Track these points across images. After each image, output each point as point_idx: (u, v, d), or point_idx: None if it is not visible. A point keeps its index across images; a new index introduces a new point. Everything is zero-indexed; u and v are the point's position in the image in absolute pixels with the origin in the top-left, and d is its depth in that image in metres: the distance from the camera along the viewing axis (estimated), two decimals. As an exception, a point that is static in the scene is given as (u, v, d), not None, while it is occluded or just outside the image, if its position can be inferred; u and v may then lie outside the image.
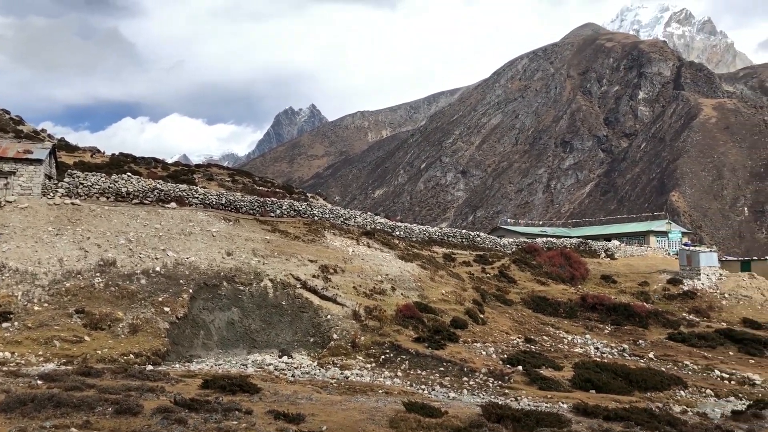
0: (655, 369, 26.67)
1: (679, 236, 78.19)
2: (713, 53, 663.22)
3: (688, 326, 38.85)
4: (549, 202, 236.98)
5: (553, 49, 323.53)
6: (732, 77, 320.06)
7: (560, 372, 24.94)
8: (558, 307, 39.39)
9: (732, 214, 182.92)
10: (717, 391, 24.21)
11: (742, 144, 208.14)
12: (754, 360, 32.50)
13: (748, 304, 46.73)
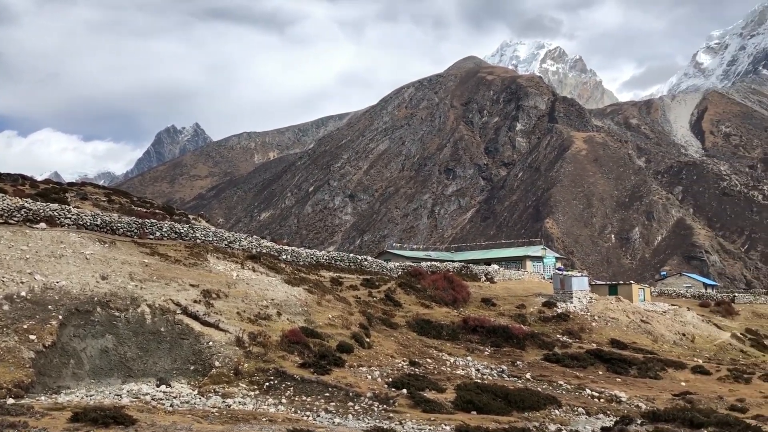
0: (532, 389, 27.74)
1: (553, 261, 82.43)
2: (584, 90, 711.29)
3: (561, 347, 40.79)
4: (433, 226, 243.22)
5: (437, 80, 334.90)
6: (600, 113, 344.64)
7: (443, 394, 25.39)
8: (441, 330, 40.23)
9: (600, 241, 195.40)
10: (588, 408, 25.50)
11: (609, 175, 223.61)
12: (620, 378, 34.62)
13: (615, 325, 49.84)
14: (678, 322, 54.28)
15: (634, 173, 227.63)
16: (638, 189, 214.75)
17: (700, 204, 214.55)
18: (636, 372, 36.44)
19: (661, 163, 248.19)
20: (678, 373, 37.64)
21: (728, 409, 27.58)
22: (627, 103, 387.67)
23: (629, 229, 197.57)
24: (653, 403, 28.05)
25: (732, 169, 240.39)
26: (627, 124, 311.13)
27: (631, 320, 51.16)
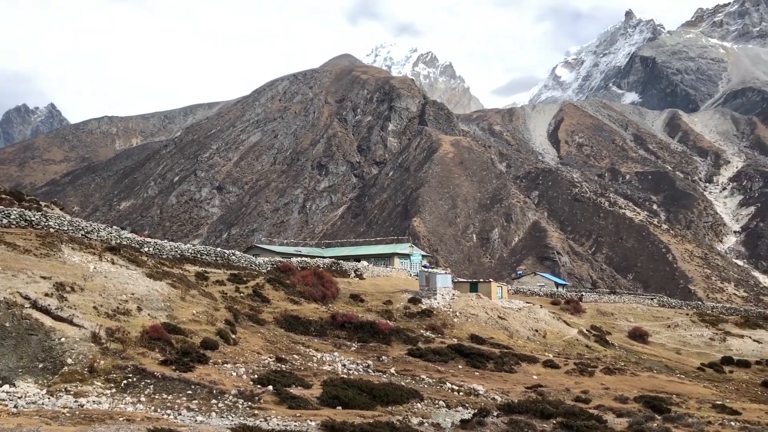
0: (396, 384, 28.39)
1: (419, 259, 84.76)
2: (453, 95, 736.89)
3: (425, 342, 42.06)
4: (304, 222, 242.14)
5: (312, 75, 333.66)
6: (467, 118, 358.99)
7: (309, 390, 25.39)
8: (309, 326, 40.20)
9: (463, 240, 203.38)
10: (448, 402, 26.49)
11: (473, 178, 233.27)
12: (478, 372, 36.26)
13: (475, 321, 52.09)
14: (532, 318, 57.61)
15: (495, 177, 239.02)
16: (499, 192, 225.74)
17: (554, 208, 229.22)
18: (493, 366, 38.29)
19: (521, 169, 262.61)
20: (531, 367, 39.99)
21: (574, 400, 29.70)
22: (492, 110, 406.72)
23: (490, 229, 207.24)
24: (508, 396, 29.64)
25: (583, 177, 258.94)
26: (491, 130, 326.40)
27: (489, 316, 53.66)
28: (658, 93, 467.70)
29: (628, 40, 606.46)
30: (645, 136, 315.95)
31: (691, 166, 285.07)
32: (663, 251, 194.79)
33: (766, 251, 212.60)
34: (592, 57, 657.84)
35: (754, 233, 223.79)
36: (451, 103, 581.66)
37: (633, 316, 78.23)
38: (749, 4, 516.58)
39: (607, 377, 40.03)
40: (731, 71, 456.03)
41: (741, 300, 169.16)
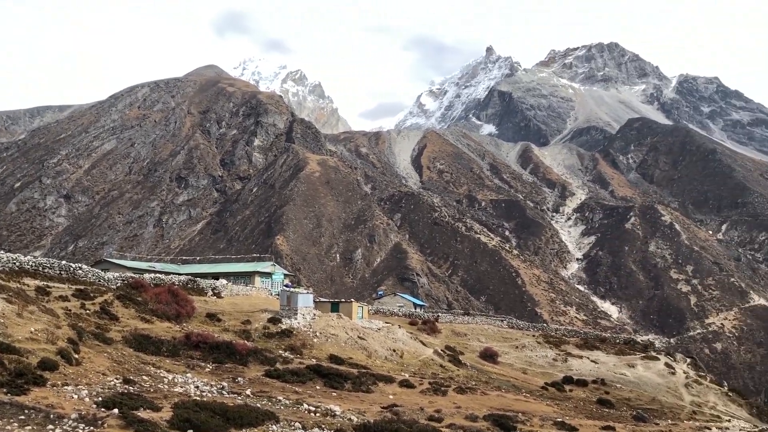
0: (251, 405, 27.67)
1: (281, 277, 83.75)
2: (321, 114, 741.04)
3: (283, 363, 41.45)
4: (159, 236, 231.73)
5: (176, 84, 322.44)
6: (335, 138, 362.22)
7: (159, 413, 24.13)
8: (161, 346, 38.33)
9: (326, 260, 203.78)
10: (305, 423, 26.18)
11: (339, 198, 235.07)
12: (336, 392, 36.23)
13: (334, 341, 52.13)
14: (390, 339, 58.60)
15: (360, 198, 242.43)
16: (363, 213, 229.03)
17: (415, 231, 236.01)
18: (351, 386, 38.42)
19: (385, 191, 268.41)
20: (387, 387, 40.55)
21: (427, 419, 30.42)
22: (359, 132, 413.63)
23: (353, 250, 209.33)
24: (364, 416, 29.81)
25: (443, 201, 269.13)
26: (358, 152, 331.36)
27: (349, 336, 53.94)
28: (513, 126, 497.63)
29: (487, 75, 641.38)
30: (500, 166, 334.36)
31: (540, 196, 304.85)
32: (513, 275, 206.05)
33: (603, 278, 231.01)
34: (455, 88, 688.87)
35: (593, 261, 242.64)
36: (319, 122, 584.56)
37: (485, 337, 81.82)
38: (595, 51, 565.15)
39: (459, 396, 41.44)
40: (578, 110, 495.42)
41: (581, 323, 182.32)
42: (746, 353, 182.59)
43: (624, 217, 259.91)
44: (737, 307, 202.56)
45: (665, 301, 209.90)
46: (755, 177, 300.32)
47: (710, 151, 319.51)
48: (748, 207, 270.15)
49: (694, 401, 65.58)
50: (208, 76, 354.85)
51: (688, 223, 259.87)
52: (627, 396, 60.54)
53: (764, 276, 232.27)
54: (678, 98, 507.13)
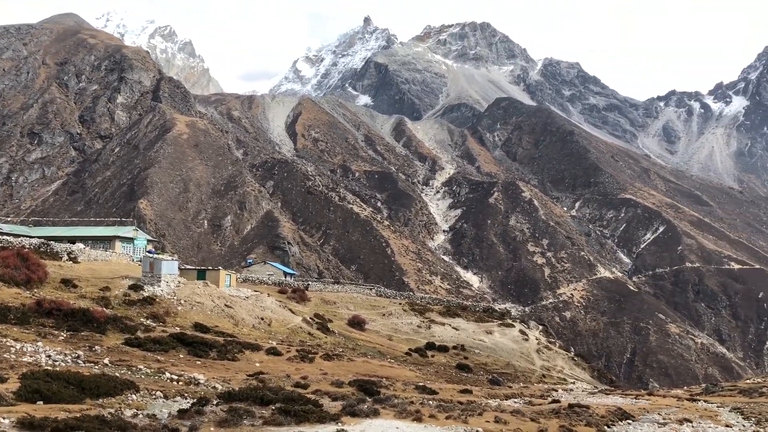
0: (109, 375, 26.57)
1: (144, 243, 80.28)
2: (191, 74, 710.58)
3: (145, 331, 40.01)
4: (8, 196, 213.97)
5: (28, 30, 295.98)
6: (205, 100, 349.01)
7: (5, 384, 22.60)
8: (8, 313, 35.72)
9: (193, 226, 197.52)
10: (166, 392, 25.52)
11: (208, 162, 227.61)
12: (200, 361, 35.54)
13: (200, 309, 50.95)
14: (258, 307, 58.15)
15: (231, 164, 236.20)
16: (234, 179, 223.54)
17: (288, 199, 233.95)
18: (216, 354, 37.84)
19: (257, 158, 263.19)
20: (254, 355, 40.33)
21: (294, 386, 30.64)
22: (231, 95, 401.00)
23: (222, 216, 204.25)
24: (229, 384, 29.52)
25: (317, 171, 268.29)
26: (229, 116, 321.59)
27: (216, 304, 52.93)
28: (388, 99, 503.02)
29: (365, 45, 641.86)
30: (375, 137, 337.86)
31: (412, 169, 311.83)
32: (383, 245, 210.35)
33: (467, 249, 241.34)
34: (332, 56, 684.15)
35: (459, 233, 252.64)
36: (188, 82, 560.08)
37: (353, 305, 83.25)
38: (468, 29, 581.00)
39: (326, 363, 42.02)
40: (450, 87, 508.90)
41: (445, 292, 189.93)
42: (591, 321, 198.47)
43: (488, 192, 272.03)
44: (585, 278, 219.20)
45: (522, 272, 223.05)
46: (607, 159, 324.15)
47: (568, 132, 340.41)
48: (599, 186, 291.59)
49: (544, 365, 70.61)
50: (67, 25, 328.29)
51: (546, 200, 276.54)
52: (484, 361, 64.08)
53: (610, 251, 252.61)
54: (542, 81, 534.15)
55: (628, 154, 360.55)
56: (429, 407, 25.72)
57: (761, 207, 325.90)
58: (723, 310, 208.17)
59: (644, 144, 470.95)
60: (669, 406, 35.51)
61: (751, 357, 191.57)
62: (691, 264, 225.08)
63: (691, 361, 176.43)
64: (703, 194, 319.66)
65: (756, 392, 46.80)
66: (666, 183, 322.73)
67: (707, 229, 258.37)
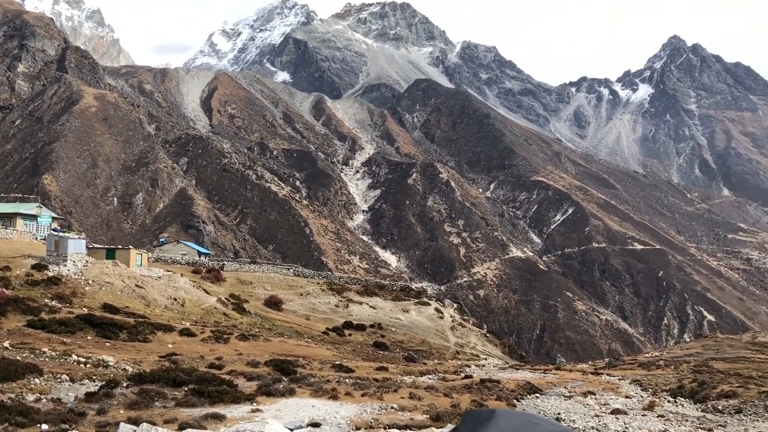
0: (9, 358, 25.31)
1: (49, 221, 76.54)
2: (99, 44, 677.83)
3: (49, 312, 38.28)
4: None
5: None
6: (115, 72, 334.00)
7: None
8: None
9: (102, 203, 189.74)
10: (73, 375, 24.57)
11: (118, 137, 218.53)
12: (110, 343, 34.37)
13: (110, 290, 49.16)
14: (171, 287, 56.69)
15: (143, 139, 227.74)
16: (146, 155, 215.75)
17: (203, 177, 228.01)
18: (126, 336, 36.70)
19: (170, 133, 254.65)
20: (167, 336, 39.36)
21: (208, 366, 30.14)
22: (143, 67, 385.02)
23: (133, 194, 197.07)
24: (141, 366, 28.71)
25: (233, 148, 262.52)
26: (141, 89, 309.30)
27: (126, 285, 51.22)
28: (307, 76, 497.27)
29: (283, 21, 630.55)
30: (293, 115, 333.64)
31: (331, 149, 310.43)
32: (302, 225, 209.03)
33: (386, 229, 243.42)
34: (249, 31, 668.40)
35: (378, 213, 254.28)
36: (97, 53, 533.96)
37: (270, 285, 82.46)
38: (388, 9, 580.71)
39: (242, 343, 41.54)
40: (370, 66, 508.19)
41: (363, 271, 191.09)
42: (503, 299, 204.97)
43: (407, 173, 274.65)
44: (499, 258, 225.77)
45: (439, 251, 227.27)
46: (521, 142, 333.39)
47: (485, 115, 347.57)
48: (513, 169, 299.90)
49: (458, 342, 72.44)
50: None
51: (462, 181, 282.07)
52: (400, 339, 65.07)
53: (522, 231, 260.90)
54: (460, 63, 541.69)
55: (541, 138, 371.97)
56: (345, 385, 25.93)
57: (663, 190, 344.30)
58: (626, 288, 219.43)
59: (556, 128, 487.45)
60: (575, 379, 37.26)
61: (651, 332, 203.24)
62: (597, 244, 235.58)
63: (596, 337, 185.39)
64: (610, 177, 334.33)
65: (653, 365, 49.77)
66: (576, 166, 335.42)
67: (613, 211, 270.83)
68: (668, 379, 37.58)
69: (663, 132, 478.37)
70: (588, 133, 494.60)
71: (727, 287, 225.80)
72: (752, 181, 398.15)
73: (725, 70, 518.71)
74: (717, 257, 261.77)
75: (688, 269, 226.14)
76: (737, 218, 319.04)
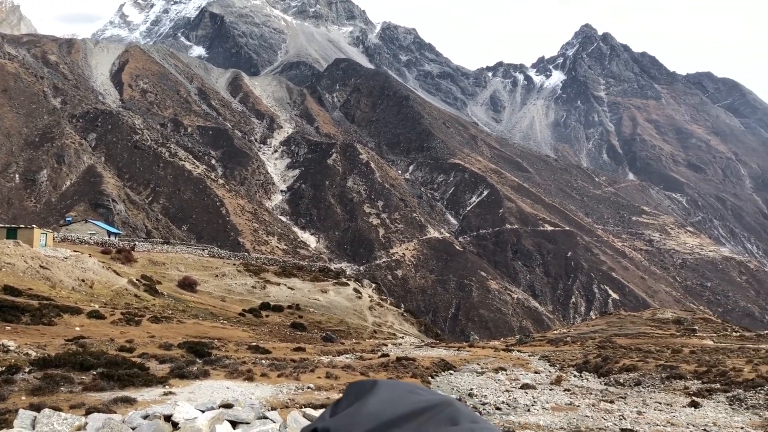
0: None
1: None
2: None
3: (-58, 296, 35.99)
4: None
5: None
6: (16, 40, 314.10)
7: None
8: None
9: (3, 180, 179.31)
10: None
11: (19, 110, 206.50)
12: (11, 327, 32.68)
13: (11, 271, 46.69)
14: (79, 268, 54.44)
15: (48, 113, 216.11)
16: (51, 130, 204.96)
17: (113, 154, 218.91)
18: (29, 319, 35.01)
19: (78, 107, 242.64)
20: (74, 319, 37.81)
21: (118, 349, 29.17)
22: (47, 37, 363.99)
23: (37, 170, 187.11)
24: (45, 350, 27.46)
25: (145, 124, 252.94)
26: (45, 60, 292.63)
27: (29, 266, 48.79)
28: (224, 52, 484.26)
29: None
30: (209, 91, 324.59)
31: (248, 127, 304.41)
32: (218, 205, 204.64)
33: (305, 210, 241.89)
34: (163, 2, 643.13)
35: (297, 193, 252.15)
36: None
37: (184, 266, 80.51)
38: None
39: (154, 326, 40.45)
40: (289, 44, 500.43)
41: (282, 252, 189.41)
42: (421, 279, 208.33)
43: (327, 153, 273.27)
44: (417, 239, 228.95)
45: (358, 232, 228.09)
46: (439, 125, 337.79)
47: (404, 97, 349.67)
48: (431, 151, 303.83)
49: (376, 322, 73.21)
50: None
51: (382, 163, 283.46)
52: (319, 319, 65.11)
53: (439, 212, 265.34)
54: (380, 44, 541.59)
55: (458, 121, 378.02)
56: (261, 366, 25.73)
57: (573, 174, 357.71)
58: (537, 267, 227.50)
59: (473, 112, 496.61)
60: (487, 356, 38.44)
61: (559, 310, 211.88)
62: (510, 225, 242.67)
63: (508, 315, 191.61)
64: (524, 161, 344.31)
65: (561, 342, 52.02)
66: (491, 150, 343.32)
67: (525, 193, 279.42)
68: (575, 355, 39.37)
69: (574, 118, 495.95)
70: (503, 118, 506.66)
71: (631, 267, 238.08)
72: (655, 166, 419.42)
73: (633, 60, 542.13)
74: (622, 238, 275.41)
75: (595, 250, 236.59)
76: (641, 201, 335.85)
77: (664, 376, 29.81)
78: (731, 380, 27.39)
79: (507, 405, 22.63)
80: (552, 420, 20.05)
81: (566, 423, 19.63)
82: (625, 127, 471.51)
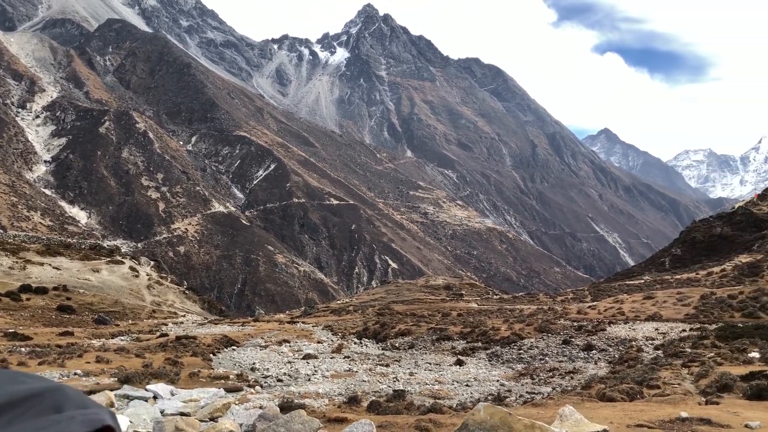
0: None
1: None
2: None
3: None
4: None
5: None
6: None
7: None
8: None
9: None
10: None
11: None
12: None
13: None
14: None
15: None
16: None
17: None
18: None
19: None
20: None
21: None
22: None
23: None
24: None
25: None
26: None
27: None
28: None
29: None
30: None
31: (3, 89, 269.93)
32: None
33: (73, 182, 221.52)
34: None
35: (64, 164, 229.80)
36: None
37: None
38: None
39: None
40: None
41: (46, 229, 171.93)
42: (205, 255, 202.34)
43: (98, 120, 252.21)
44: (200, 213, 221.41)
45: (135, 207, 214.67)
46: (224, 95, 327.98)
47: (186, 65, 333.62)
48: (216, 122, 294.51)
49: (154, 301, 69.72)
50: None
51: (162, 133, 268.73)
52: (90, 300, 60.36)
53: (225, 186, 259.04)
54: (159, 7, 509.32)
55: (243, 93, 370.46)
56: (19, 354, 23.30)
57: (357, 150, 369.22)
58: (323, 240, 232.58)
59: (259, 84, 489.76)
60: (272, 330, 38.58)
61: (344, 281, 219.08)
62: (297, 200, 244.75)
63: (294, 288, 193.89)
64: (310, 136, 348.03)
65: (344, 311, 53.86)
66: (278, 123, 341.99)
67: (312, 168, 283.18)
68: (356, 323, 40.99)
69: (357, 95, 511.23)
70: (290, 92, 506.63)
71: (408, 238, 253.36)
72: (430, 144, 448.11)
73: (411, 42, 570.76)
74: (401, 212, 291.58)
75: (376, 222, 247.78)
76: (418, 177, 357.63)
77: (435, 338, 32.25)
78: (490, 338, 30.45)
79: (288, 376, 22.90)
80: (331, 387, 20.69)
81: (344, 389, 20.39)
82: (404, 106, 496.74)
